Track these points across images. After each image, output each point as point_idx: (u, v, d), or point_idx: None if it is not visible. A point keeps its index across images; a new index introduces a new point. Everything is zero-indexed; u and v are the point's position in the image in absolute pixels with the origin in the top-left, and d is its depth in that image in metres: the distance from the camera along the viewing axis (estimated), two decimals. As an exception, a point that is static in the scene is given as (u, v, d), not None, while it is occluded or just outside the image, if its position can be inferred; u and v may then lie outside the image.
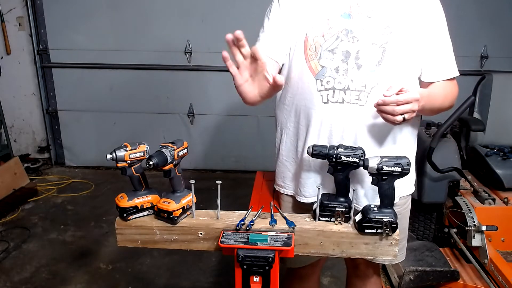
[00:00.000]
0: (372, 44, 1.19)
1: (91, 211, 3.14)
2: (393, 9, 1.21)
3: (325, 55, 1.21)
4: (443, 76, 1.27)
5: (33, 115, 3.92)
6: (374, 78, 1.20)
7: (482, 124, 2.50)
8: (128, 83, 3.73)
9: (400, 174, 1.08)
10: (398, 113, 1.07)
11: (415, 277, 2.03)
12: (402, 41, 1.20)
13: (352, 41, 1.20)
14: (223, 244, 1.05)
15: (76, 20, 3.59)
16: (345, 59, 1.20)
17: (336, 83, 1.21)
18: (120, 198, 1.16)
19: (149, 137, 3.52)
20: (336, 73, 1.20)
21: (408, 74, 1.25)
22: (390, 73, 1.20)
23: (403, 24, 1.20)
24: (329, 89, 1.22)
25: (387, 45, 1.19)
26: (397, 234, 1.10)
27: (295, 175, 1.37)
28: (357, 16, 1.20)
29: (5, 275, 2.39)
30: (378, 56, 1.20)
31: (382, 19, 1.20)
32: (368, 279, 1.53)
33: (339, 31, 1.20)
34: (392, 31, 1.19)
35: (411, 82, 1.26)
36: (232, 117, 3.75)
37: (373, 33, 1.19)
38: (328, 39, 1.21)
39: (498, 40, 3.48)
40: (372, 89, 1.20)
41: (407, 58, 1.22)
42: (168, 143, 1.13)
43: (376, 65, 1.20)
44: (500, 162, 2.36)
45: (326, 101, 1.22)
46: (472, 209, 2.12)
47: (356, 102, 1.21)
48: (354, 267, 1.54)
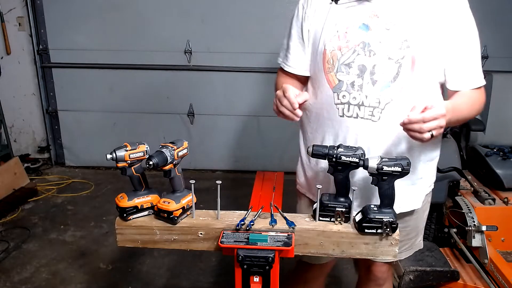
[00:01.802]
0: (389, 59, 1.18)
1: (91, 211, 3.14)
2: (413, 20, 1.18)
3: (342, 69, 1.21)
4: (470, 86, 1.24)
5: (33, 115, 3.92)
6: (389, 94, 1.19)
7: (482, 124, 2.50)
8: (128, 83, 3.73)
9: (400, 174, 1.08)
10: (426, 131, 1.04)
11: (415, 277, 2.03)
12: (419, 55, 1.17)
13: (369, 55, 1.19)
14: (223, 244, 1.05)
15: (76, 20, 3.59)
16: (360, 74, 1.19)
17: (351, 98, 1.21)
18: (120, 198, 1.16)
19: (149, 137, 3.52)
20: (351, 88, 1.20)
21: (424, 88, 1.23)
22: (405, 88, 1.19)
23: (422, 36, 1.17)
24: (344, 103, 1.22)
25: (403, 60, 1.17)
26: (397, 234, 1.10)
27: (310, 179, 1.39)
28: (375, 28, 1.19)
29: (5, 275, 2.39)
30: (393, 71, 1.18)
31: (400, 32, 1.17)
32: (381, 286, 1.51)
33: (356, 44, 1.19)
34: (409, 45, 1.17)
35: (428, 96, 1.23)
36: (232, 117, 3.75)
37: (390, 47, 1.18)
38: (345, 53, 1.20)
39: (498, 40, 3.47)
40: (386, 105, 1.19)
41: (424, 72, 1.20)
42: (168, 143, 1.13)
43: (391, 81, 1.19)
44: (500, 162, 2.36)
45: (342, 115, 1.23)
46: (472, 209, 2.12)
47: (369, 118, 1.21)
48: (367, 271, 1.51)
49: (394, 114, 1.19)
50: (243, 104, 3.68)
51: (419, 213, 1.39)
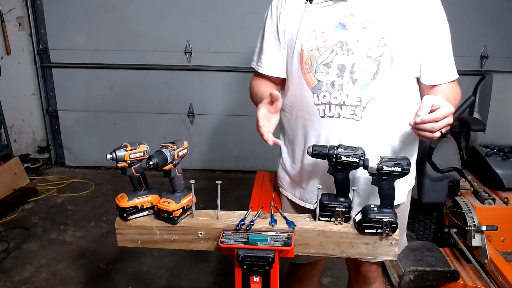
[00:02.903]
0: (367, 57, 1.18)
1: (91, 211, 3.14)
2: (389, 18, 1.19)
3: (320, 69, 1.20)
4: (446, 79, 1.26)
5: (33, 115, 3.92)
6: (369, 92, 1.19)
7: (482, 124, 2.50)
8: (128, 83, 3.73)
9: (400, 174, 1.08)
10: (437, 129, 1.04)
11: (415, 277, 2.03)
12: (397, 52, 1.18)
13: (347, 54, 1.19)
14: (223, 244, 1.05)
15: (76, 20, 3.59)
16: (340, 73, 1.19)
17: (332, 98, 1.20)
18: (120, 198, 1.16)
19: (149, 137, 3.51)
20: (332, 88, 1.20)
21: (404, 85, 1.24)
22: (385, 86, 1.19)
23: (399, 34, 1.18)
24: (325, 103, 1.21)
25: (382, 57, 1.18)
26: (397, 234, 1.10)
27: (293, 180, 1.38)
28: (352, 27, 1.19)
29: (5, 275, 2.39)
30: (372, 69, 1.18)
31: (377, 30, 1.18)
32: (371, 285, 1.52)
33: (333, 43, 1.19)
34: (387, 42, 1.17)
35: (407, 93, 1.25)
36: (232, 117, 3.75)
37: (368, 46, 1.18)
38: (323, 53, 1.20)
39: (498, 40, 3.48)
40: (367, 104, 1.19)
41: (402, 69, 1.21)
42: (168, 143, 1.13)
43: (370, 79, 1.19)
44: (500, 162, 2.36)
45: (323, 115, 1.22)
46: (472, 209, 2.12)
47: (351, 117, 1.20)
48: (356, 271, 1.51)
49: (375, 112, 1.20)
50: (243, 104, 3.67)
51: (403, 210, 1.39)
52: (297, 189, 1.37)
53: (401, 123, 1.23)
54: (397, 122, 1.24)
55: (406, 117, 1.22)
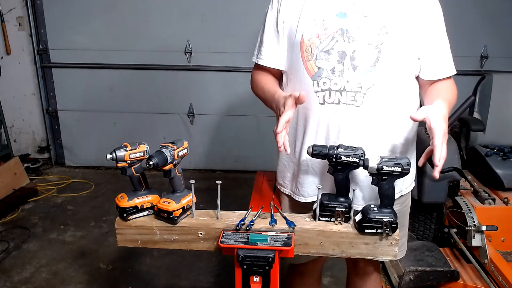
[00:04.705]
0: (368, 45, 1.19)
1: (91, 211, 3.14)
2: (389, 8, 1.20)
3: (321, 56, 1.21)
4: (444, 74, 1.27)
5: (33, 115, 3.92)
6: (370, 79, 1.20)
7: (482, 124, 2.50)
8: (128, 83, 3.73)
9: (400, 174, 1.08)
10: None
11: (415, 277, 2.03)
12: (398, 41, 1.19)
13: (348, 41, 1.19)
14: (223, 244, 1.05)
15: (76, 20, 3.59)
16: (340, 60, 1.20)
17: (332, 84, 1.21)
18: (120, 198, 1.16)
19: (149, 137, 3.52)
20: (332, 74, 1.20)
21: (404, 74, 1.25)
22: (385, 73, 1.20)
23: (400, 24, 1.20)
24: (325, 90, 1.22)
25: (383, 45, 1.19)
26: (397, 234, 1.10)
27: (293, 175, 1.37)
28: (353, 15, 1.20)
29: (5, 275, 2.39)
30: (373, 56, 1.19)
31: (378, 19, 1.19)
32: (368, 277, 1.53)
33: (334, 31, 1.20)
34: (388, 31, 1.19)
35: (407, 82, 1.26)
36: (232, 117, 3.75)
37: (369, 33, 1.19)
38: (323, 40, 1.21)
39: (498, 40, 3.48)
40: (368, 90, 1.20)
41: (403, 58, 1.22)
42: (168, 143, 1.13)
43: (371, 66, 1.19)
44: (500, 162, 2.36)
45: (322, 102, 1.22)
46: (472, 209, 2.12)
47: (352, 103, 1.21)
48: (354, 264, 1.54)
49: (376, 98, 1.20)
50: (243, 104, 3.67)
51: (403, 211, 1.39)
52: (295, 183, 1.36)
53: (401, 111, 1.24)
54: (397, 110, 1.24)
55: (405, 105, 1.24)
